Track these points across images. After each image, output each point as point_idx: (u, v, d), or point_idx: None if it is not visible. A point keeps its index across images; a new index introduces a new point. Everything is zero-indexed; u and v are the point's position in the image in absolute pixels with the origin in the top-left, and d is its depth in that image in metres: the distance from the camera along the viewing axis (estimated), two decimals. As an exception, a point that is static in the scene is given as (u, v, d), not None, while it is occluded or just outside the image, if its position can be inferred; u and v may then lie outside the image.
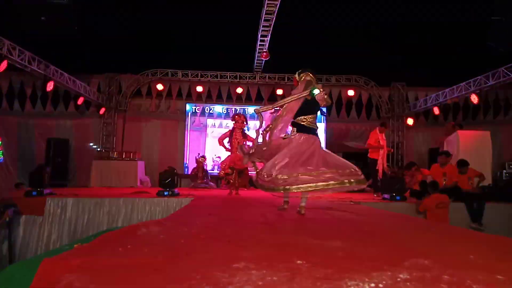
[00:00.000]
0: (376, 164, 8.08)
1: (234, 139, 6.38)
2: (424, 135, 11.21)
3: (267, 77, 11.32)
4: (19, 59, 6.89)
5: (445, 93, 9.34)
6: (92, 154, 10.25)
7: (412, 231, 3.01)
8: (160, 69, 11.08)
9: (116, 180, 9.28)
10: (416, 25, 10.25)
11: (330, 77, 11.32)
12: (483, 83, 8.12)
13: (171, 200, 5.97)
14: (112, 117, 10.88)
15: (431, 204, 5.71)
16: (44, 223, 5.49)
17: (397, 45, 10.87)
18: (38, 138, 10.28)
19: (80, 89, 9.24)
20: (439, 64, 10.84)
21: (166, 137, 11.15)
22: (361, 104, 11.58)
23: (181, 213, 3.92)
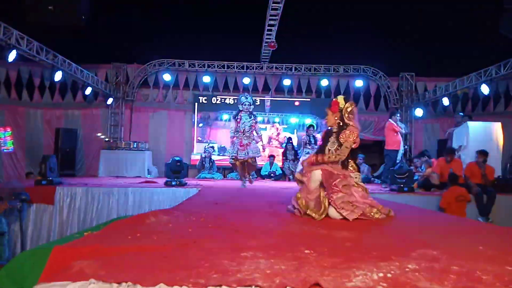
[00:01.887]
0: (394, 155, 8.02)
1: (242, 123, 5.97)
2: (433, 126, 11.09)
3: (274, 67, 11.24)
4: (27, 49, 6.92)
5: (455, 84, 9.20)
6: (100, 144, 10.33)
7: (420, 222, 3.00)
8: (167, 59, 11.07)
9: (123, 170, 9.37)
10: (426, 14, 10.04)
11: (338, 67, 11.21)
12: (494, 73, 7.97)
13: (179, 190, 6.03)
14: (120, 107, 10.92)
15: (451, 197, 5.67)
16: (54, 212, 5.57)
17: (406, 35, 10.70)
18: (47, 128, 10.38)
19: (88, 79, 9.27)
20: (449, 54, 10.66)
21: (173, 128, 11.19)
22: (369, 95, 11.47)
23: (188, 203, 3.95)
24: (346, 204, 2.79)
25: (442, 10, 9.79)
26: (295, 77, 11.40)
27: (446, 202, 5.68)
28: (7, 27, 6.35)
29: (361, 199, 2.89)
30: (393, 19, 10.26)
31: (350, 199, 2.82)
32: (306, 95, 11.49)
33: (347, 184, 2.88)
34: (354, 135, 3.07)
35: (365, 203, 2.87)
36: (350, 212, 2.75)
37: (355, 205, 2.82)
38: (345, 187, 2.86)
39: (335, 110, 3.15)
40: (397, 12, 10.19)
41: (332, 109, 3.16)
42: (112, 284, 1.30)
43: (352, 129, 3.08)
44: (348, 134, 3.06)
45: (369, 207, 2.87)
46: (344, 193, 2.82)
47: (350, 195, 2.84)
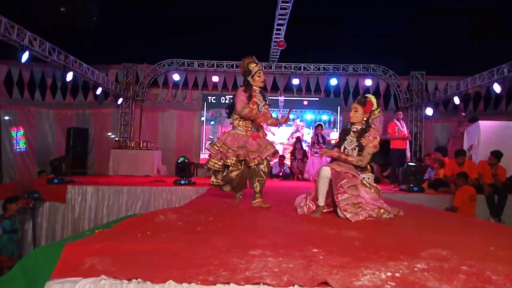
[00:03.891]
0: (399, 155, 8.00)
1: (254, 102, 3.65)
2: (444, 125, 10.96)
3: (283, 67, 11.23)
4: (40, 50, 7.04)
5: (466, 82, 9.07)
6: (110, 143, 10.45)
7: (430, 222, 2.97)
8: (177, 59, 11.14)
9: (133, 169, 9.45)
10: (437, 12, 9.94)
11: (347, 66, 11.14)
12: (506, 71, 7.84)
13: (188, 188, 6.07)
14: (130, 107, 11.03)
15: (465, 196, 5.60)
16: (67, 210, 5.67)
17: (416, 33, 10.60)
18: (58, 127, 10.55)
19: (99, 79, 9.38)
20: (461, 52, 10.52)
21: (182, 127, 11.26)
22: (379, 94, 11.37)
23: (197, 201, 3.98)
24: (351, 206, 2.76)
25: (453, 8, 9.68)
26: (304, 77, 11.37)
27: (460, 201, 5.61)
28: (21, 29, 6.46)
29: (372, 201, 2.87)
30: (403, 17, 10.18)
31: (356, 200, 2.79)
32: (315, 94, 11.45)
33: (353, 184, 2.86)
34: (377, 140, 3.06)
35: (374, 205, 2.85)
36: (353, 214, 2.72)
37: (362, 206, 2.79)
38: (351, 188, 2.83)
39: (368, 110, 3.15)
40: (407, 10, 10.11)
41: (366, 109, 3.14)
42: (122, 280, 1.33)
43: (376, 134, 3.07)
44: (371, 138, 3.04)
45: (378, 209, 2.85)
46: (349, 194, 2.80)
47: (356, 196, 2.81)
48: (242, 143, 3.52)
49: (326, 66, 11.15)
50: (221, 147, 3.56)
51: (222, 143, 3.56)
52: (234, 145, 3.51)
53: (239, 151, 3.46)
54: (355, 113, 3.16)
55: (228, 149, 3.51)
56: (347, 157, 3.02)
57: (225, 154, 3.50)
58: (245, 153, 3.46)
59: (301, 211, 3.13)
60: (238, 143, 3.52)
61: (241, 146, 3.49)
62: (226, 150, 3.51)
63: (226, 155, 3.49)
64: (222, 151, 3.54)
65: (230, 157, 3.46)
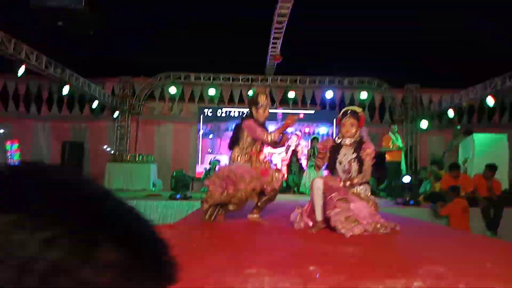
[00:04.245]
0: (394, 167, 8.05)
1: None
2: (439, 138, 11.03)
3: (279, 80, 11.30)
4: (36, 63, 7.06)
5: (460, 95, 9.18)
6: (106, 156, 10.41)
7: (427, 237, 2.97)
8: (173, 72, 11.18)
9: (129, 183, 9.40)
10: (431, 26, 10.11)
11: (342, 79, 11.24)
12: (499, 85, 7.95)
13: (183, 203, 6.03)
14: (126, 120, 11.02)
15: (456, 209, 5.61)
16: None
17: (411, 46, 10.76)
18: (54, 141, 10.50)
19: (95, 92, 9.40)
20: (454, 65, 10.67)
21: (178, 140, 11.24)
22: (374, 107, 11.46)
23: (193, 217, 3.95)
24: (343, 220, 2.73)
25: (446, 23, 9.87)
26: (300, 89, 11.45)
27: (449, 211, 5.65)
28: (17, 42, 6.49)
29: (368, 215, 2.85)
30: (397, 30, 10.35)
31: (347, 214, 2.76)
32: (311, 107, 11.52)
33: (343, 197, 2.84)
34: (374, 153, 3.10)
35: (371, 219, 2.83)
36: (347, 229, 2.68)
37: (357, 221, 2.77)
38: (341, 201, 2.80)
39: (362, 124, 3.21)
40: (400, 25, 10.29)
41: (360, 124, 3.19)
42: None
43: (372, 146, 3.14)
44: (370, 152, 3.08)
45: (374, 223, 2.83)
46: (340, 209, 2.78)
47: (347, 209, 2.79)
48: (255, 174, 3.26)
49: (321, 79, 11.24)
50: (227, 177, 3.21)
51: (229, 172, 3.25)
52: (246, 175, 3.20)
53: (253, 182, 3.17)
54: (351, 128, 3.15)
55: (241, 179, 3.16)
56: (353, 181, 3.02)
57: (234, 183, 3.14)
58: (261, 185, 3.22)
59: (298, 227, 3.11)
60: (251, 174, 3.23)
61: (255, 177, 3.21)
62: (237, 180, 3.15)
63: (237, 187, 3.12)
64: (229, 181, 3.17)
65: (244, 188, 3.12)
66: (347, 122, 3.16)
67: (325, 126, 10.99)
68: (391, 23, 10.26)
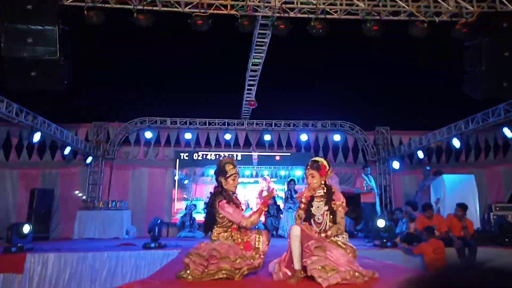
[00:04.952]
0: (369, 208, 8.17)
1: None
2: (411, 178, 11.33)
3: (254, 123, 11.51)
4: (6, 111, 6.91)
5: (427, 137, 9.60)
6: (77, 204, 10.00)
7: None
8: (149, 117, 11.20)
9: (101, 231, 9.01)
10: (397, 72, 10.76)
11: (316, 122, 11.58)
12: (463, 127, 8.41)
13: (158, 252, 5.81)
14: (99, 165, 10.76)
15: (428, 249, 5.69)
16: (23, 282, 5.22)
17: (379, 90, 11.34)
18: (22, 188, 10.03)
19: (68, 138, 9.21)
20: (421, 108, 11.28)
21: (154, 185, 11.00)
22: (347, 148, 11.77)
23: (167, 269, 3.80)
24: (319, 269, 2.70)
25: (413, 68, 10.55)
26: (275, 133, 11.66)
27: (422, 250, 5.75)
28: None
29: (346, 263, 2.83)
30: (365, 77, 10.95)
31: (324, 263, 2.74)
32: (287, 149, 11.70)
33: (320, 245, 2.82)
34: (344, 202, 3.11)
35: (349, 267, 2.81)
36: (323, 279, 2.65)
37: (336, 269, 2.74)
38: (318, 249, 2.78)
39: (324, 174, 3.18)
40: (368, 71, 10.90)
41: (321, 173, 3.16)
42: None
43: (342, 197, 3.12)
44: (340, 203, 3.07)
45: (353, 272, 2.81)
46: (317, 257, 2.76)
47: (324, 258, 2.77)
48: (240, 253, 3.10)
49: (296, 123, 11.54)
50: (210, 256, 3.00)
51: (212, 251, 3.02)
52: (230, 254, 3.03)
53: (240, 262, 3.01)
54: (313, 179, 3.14)
55: (225, 257, 2.98)
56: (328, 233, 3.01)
57: (217, 261, 2.96)
58: (248, 264, 3.07)
59: (277, 278, 3.04)
60: (236, 253, 3.08)
61: (240, 257, 3.06)
62: (220, 258, 2.97)
63: (219, 265, 2.94)
64: (212, 259, 2.98)
65: (230, 268, 2.94)
66: (308, 173, 3.19)
67: (300, 169, 11.11)
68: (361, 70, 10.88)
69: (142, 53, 10.41)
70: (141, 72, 10.81)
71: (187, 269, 2.98)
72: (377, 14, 6.24)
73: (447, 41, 6.83)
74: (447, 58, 8.76)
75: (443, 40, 6.97)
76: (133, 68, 10.79)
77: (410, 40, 6.66)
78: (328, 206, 3.07)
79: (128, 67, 10.68)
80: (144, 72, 10.77)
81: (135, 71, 10.79)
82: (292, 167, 11.17)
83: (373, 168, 11.16)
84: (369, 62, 10.72)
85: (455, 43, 6.59)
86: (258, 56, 7.93)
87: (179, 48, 9.95)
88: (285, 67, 10.42)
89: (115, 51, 9.99)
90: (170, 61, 10.63)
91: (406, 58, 10.01)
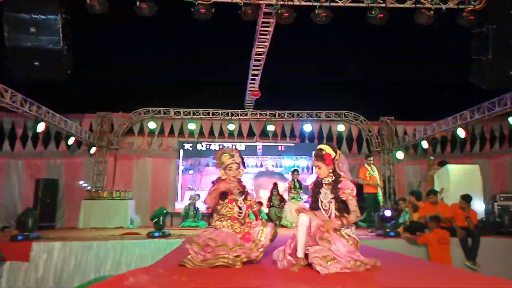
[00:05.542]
0: (372, 199, 8.17)
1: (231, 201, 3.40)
2: (415, 168, 11.29)
3: (258, 114, 11.48)
4: (11, 101, 6.93)
5: (432, 127, 9.53)
6: (81, 194, 10.08)
7: (407, 274, 2.96)
8: (152, 108, 11.20)
9: (105, 220, 9.08)
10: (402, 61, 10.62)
11: (320, 112, 11.53)
12: (468, 117, 8.33)
13: (162, 241, 5.84)
14: (103, 155, 10.82)
15: (433, 238, 5.68)
16: (29, 269, 5.29)
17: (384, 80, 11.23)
18: (27, 178, 10.12)
19: (72, 129, 9.25)
20: (426, 98, 11.16)
21: (158, 175, 11.07)
22: (351, 139, 11.72)
23: (171, 258, 3.83)
24: (319, 259, 2.69)
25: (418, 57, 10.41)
26: (279, 123, 11.63)
27: (426, 240, 5.74)
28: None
29: (347, 253, 2.83)
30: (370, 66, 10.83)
31: (326, 253, 2.74)
32: (290, 140, 11.68)
33: (326, 238, 2.83)
34: (354, 191, 3.07)
35: (350, 257, 2.82)
36: (322, 267, 2.65)
37: (336, 258, 2.75)
38: (323, 240, 2.78)
39: (329, 162, 3.14)
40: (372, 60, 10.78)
41: (326, 162, 3.12)
42: None
43: (350, 185, 3.05)
44: (350, 191, 3.02)
45: (354, 261, 2.81)
46: (321, 247, 2.76)
47: (327, 249, 2.77)
48: (238, 241, 3.05)
49: (300, 113, 11.49)
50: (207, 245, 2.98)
51: (209, 240, 3.01)
52: (228, 242, 3.00)
53: (237, 250, 2.96)
54: (319, 170, 3.14)
55: (222, 245, 2.97)
56: (346, 221, 2.99)
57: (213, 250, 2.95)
58: (245, 251, 3.02)
59: (281, 266, 3.04)
60: (234, 241, 3.03)
61: (238, 245, 3.01)
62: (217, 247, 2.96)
63: (216, 253, 2.92)
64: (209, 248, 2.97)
65: (227, 255, 2.92)
66: (314, 165, 3.20)
67: (304, 159, 11.10)
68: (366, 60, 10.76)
69: (145, 43, 10.36)
70: (144, 62, 10.76)
71: (188, 257, 3.00)
72: (382, 2, 6.14)
73: (453, 29, 6.73)
74: (454, 47, 8.63)
75: (450, 28, 6.84)
76: (136, 58, 10.75)
77: (416, 28, 6.56)
78: (334, 194, 3.06)
79: (131, 57, 10.63)
80: (147, 62, 10.71)
81: (138, 61, 10.75)
82: (297, 157, 11.15)
83: (377, 158, 11.13)
84: (374, 51, 10.59)
85: (462, 31, 6.49)
86: (262, 45, 7.86)
87: (182, 38, 9.89)
88: (288, 56, 10.32)
89: (118, 41, 9.94)
90: (173, 51, 10.56)
91: (411, 46, 9.87)
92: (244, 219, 3.31)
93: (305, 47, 10.41)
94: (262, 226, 3.29)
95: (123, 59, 10.25)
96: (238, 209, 3.27)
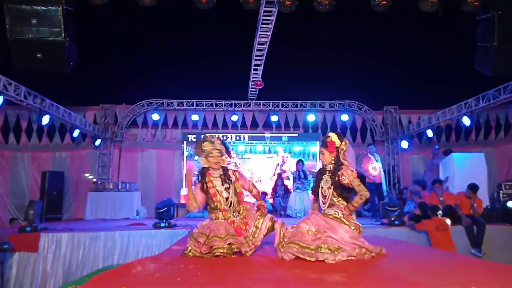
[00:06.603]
0: (374, 188, 8.16)
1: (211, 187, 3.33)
2: (420, 157, 11.26)
3: (261, 104, 11.46)
4: (15, 94, 6.95)
5: (437, 116, 9.47)
6: (88, 185, 10.18)
7: (412, 260, 2.98)
8: (156, 99, 11.21)
9: (111, 212, 9.18)
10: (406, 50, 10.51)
11: (323, 102, 11.48)
12: (473, 105, 8.26)
13: (168, 232, 5.91)
14: (108, 148, 10.88)
15: (431, 226, 5.71)
16: (38, 260, 5.37)
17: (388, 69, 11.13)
18: (33, 171, 10.22)
19: (76, 121, 9.29)
20: (430, 87, 11.06)
21: (162, 167, 11.12)
22: (355, 129, 11.69)
23: (177, 247, 3.86)
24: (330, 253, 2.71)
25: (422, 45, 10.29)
26: (282, 113, 11.60)
27: (424, 227, 5.80)
28: (-5, 74, 6.41)
29: (351, 239, 2.85)
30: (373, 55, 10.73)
31: (332, 244, 2.77)
32: (294, 130, 11.66)
33: (328, 227, 2.86)
34: (355, 173, 3.06)
35: (355, 244, 2.83)
36: (331, 258, 2.68)
37: (342, 247, 2.77)
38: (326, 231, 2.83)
39: (332, 150, 3.18)
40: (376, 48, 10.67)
41: (329, 149, 3.17)
42: None
43: (350, 169, 3.04)
44: (350, 173, 2.98)
45: (359, 248, 2.83)
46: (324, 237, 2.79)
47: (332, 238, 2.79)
48: (231, 230, 3.04)
49: (303, 103, 11.45)
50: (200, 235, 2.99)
51: (199, 233, 3.02)
52: (220, 231, 2.98)
53: (229, 239, 2.95)
54: (323, 156, 3.22)
55: (214, 236, 2.96)
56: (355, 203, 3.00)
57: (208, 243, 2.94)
58: (236, 241, 2.99)
59: (281, 255, 3.07)
60: (227, 230, 3.01)
61: (230, 234, 3.00)
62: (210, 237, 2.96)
63: (210, 244, 2.92)
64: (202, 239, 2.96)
65: (218, 245, 2.91)
66: (320, 150, 3.29)
67: (313, 145, 11.06)
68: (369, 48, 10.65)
69: (148, 35, 10.31)
70: (146, 53, 10.73)
71: (189, 247, 3.05)
72: (386, -12, 6.06)
73: (458, 16, 6.63)
74: (458, 34, 8.52)
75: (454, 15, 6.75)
76: (139, 50, 10.72)
77: (420, 15, 6.47)
78: (332, 180, 3.08)
79: (134, 49, 10.61)
80: (150, 53, 10.68)
81: (140, 53, 10.72)
82: (307, 142, 11.12)
83: (382, 148, 11.10)
84: (377, 40, 10.46)
85: (467, 18, 6.40)
86: (264, 34, 7.80)
87: (184, 29, 9.83)
88: (291, 46, 10.24)
89: (120, 33, 9.91)
90: (175, 42, 10.51)
91: (415, 34, 9.75)
92: (238, 206, 3.23)
93: (308, 37, 10.32)
94: (257, 221, 3.22)
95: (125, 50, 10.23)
96: (224, 200, 3.18)
